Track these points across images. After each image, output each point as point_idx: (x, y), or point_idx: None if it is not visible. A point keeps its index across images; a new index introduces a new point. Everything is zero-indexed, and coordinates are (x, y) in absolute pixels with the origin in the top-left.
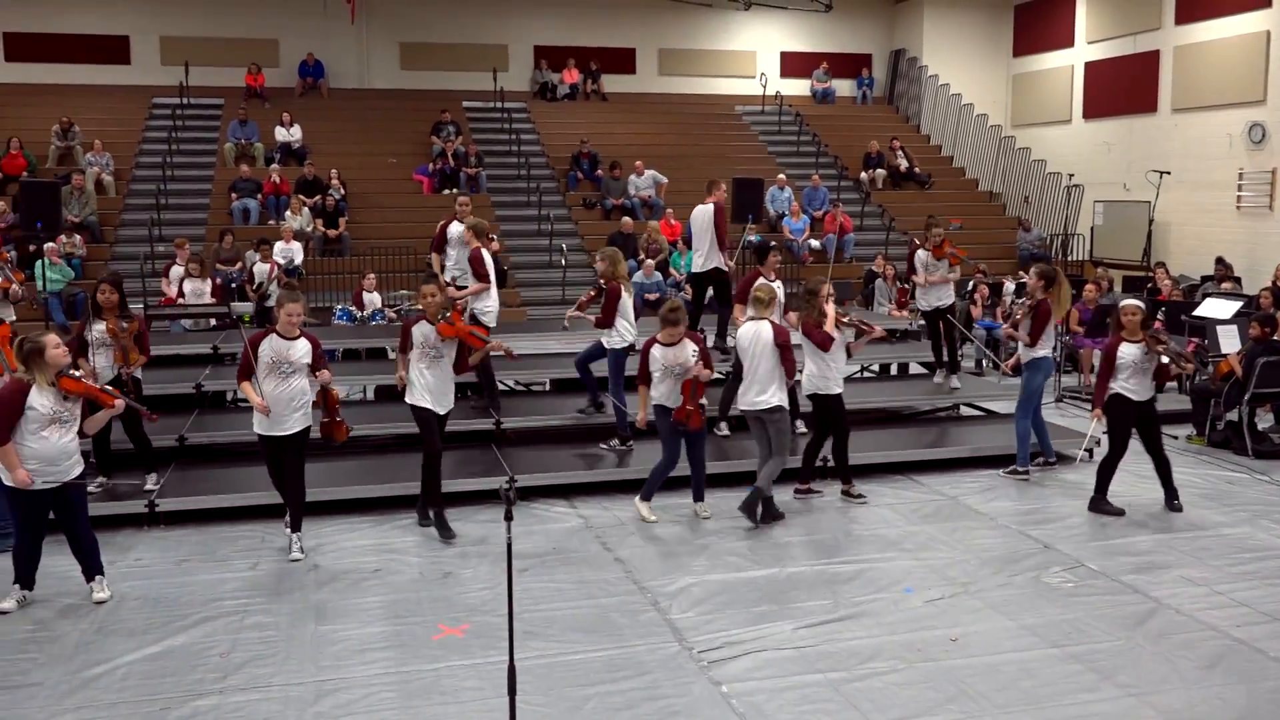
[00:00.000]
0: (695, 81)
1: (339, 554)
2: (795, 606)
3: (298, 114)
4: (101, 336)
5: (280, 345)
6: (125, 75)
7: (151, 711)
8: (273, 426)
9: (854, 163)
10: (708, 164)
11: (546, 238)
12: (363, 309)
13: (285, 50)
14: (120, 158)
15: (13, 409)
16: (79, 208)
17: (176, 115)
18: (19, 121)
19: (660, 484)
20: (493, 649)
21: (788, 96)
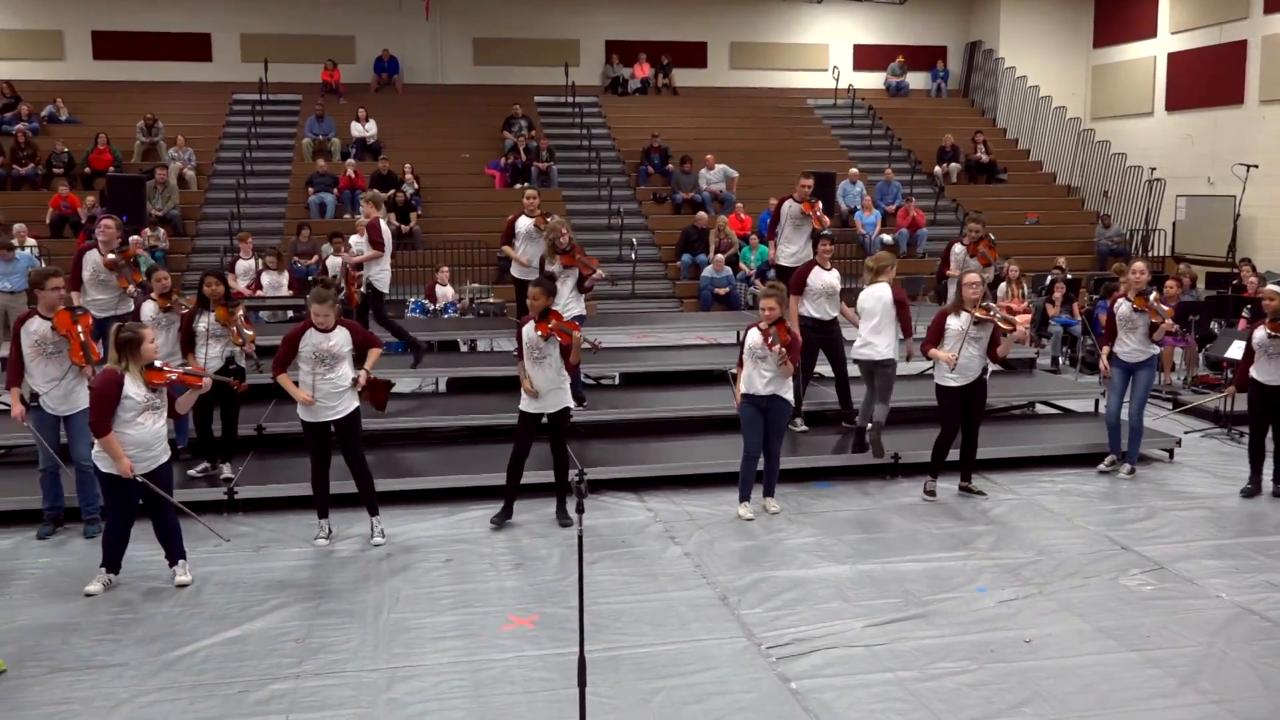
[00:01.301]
0: (767, 75)
1: (411, 544)
2: (865, 604)
3: (373, 109)
4: (211, 327)
5: (318, 338)
6: (207, 72)
7: (230, 694)
8: (318, 414)
9: (927, 157)
10: (779, 158)
11: (617, 232)
12: (435, 302)
13: (361, 47)
14: (202, 153)
15: (111, 399)
16: (162, 201)
17: (256, 111)
18: (106, 118)
19: (752, 479)
20: (561, 640)
21: (860, 90)
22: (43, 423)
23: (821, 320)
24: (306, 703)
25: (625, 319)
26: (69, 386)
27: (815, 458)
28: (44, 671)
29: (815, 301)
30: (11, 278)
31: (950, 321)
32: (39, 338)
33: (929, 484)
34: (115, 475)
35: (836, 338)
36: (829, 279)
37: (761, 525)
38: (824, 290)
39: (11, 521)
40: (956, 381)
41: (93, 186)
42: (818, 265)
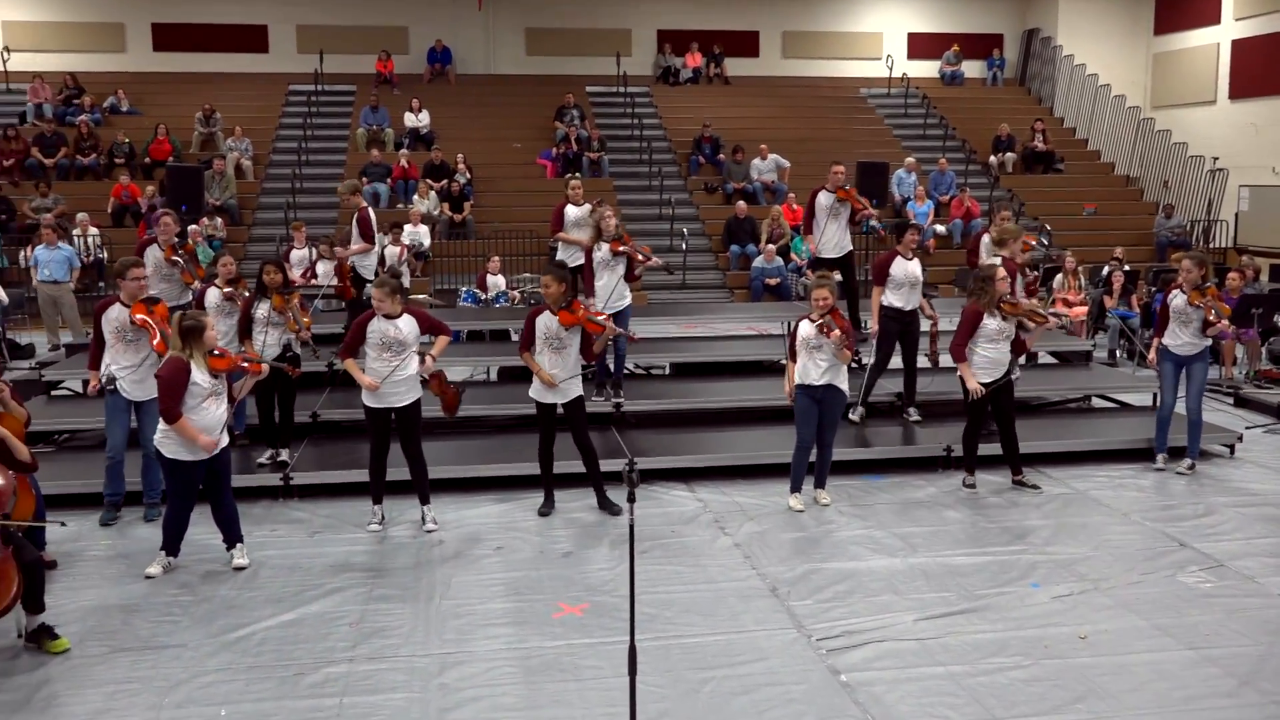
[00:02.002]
0: (819, 64)
1: (462, 531)
2: (917, 597)
3: (426, 100)
4: (269, 315)
5: (384, 325)
6: (263, 63)
7: (286, 676)
8: (383, 400)
9: (982, 146)
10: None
11: (667, 222)
12: (486, 291)
13: (415, 37)
14: (258, 143)
15: (180, 386)
16: (220, 191)
17: (311, 102)
18: (166, 109)
19: (804, 470)
20: (611, 629)
21: (914, 79)
22: (116, 407)
23: (902, 310)
24: (360, 686)
25: (675, 309)
26: (144, 373)
27: (868, 450)
28: (106, 651)
29: (899, 291)
30: (53, 266)
31: (988, 323)
32: (119, 325)
33: (966, 478)
34: (178, 460)
35: (914, 329)
36: (912, 269)
37: (812, 517)
38: (907, 279)
39: (75, 504)
40: (987, 375)
41: (152, 176)
42: (900, 255)
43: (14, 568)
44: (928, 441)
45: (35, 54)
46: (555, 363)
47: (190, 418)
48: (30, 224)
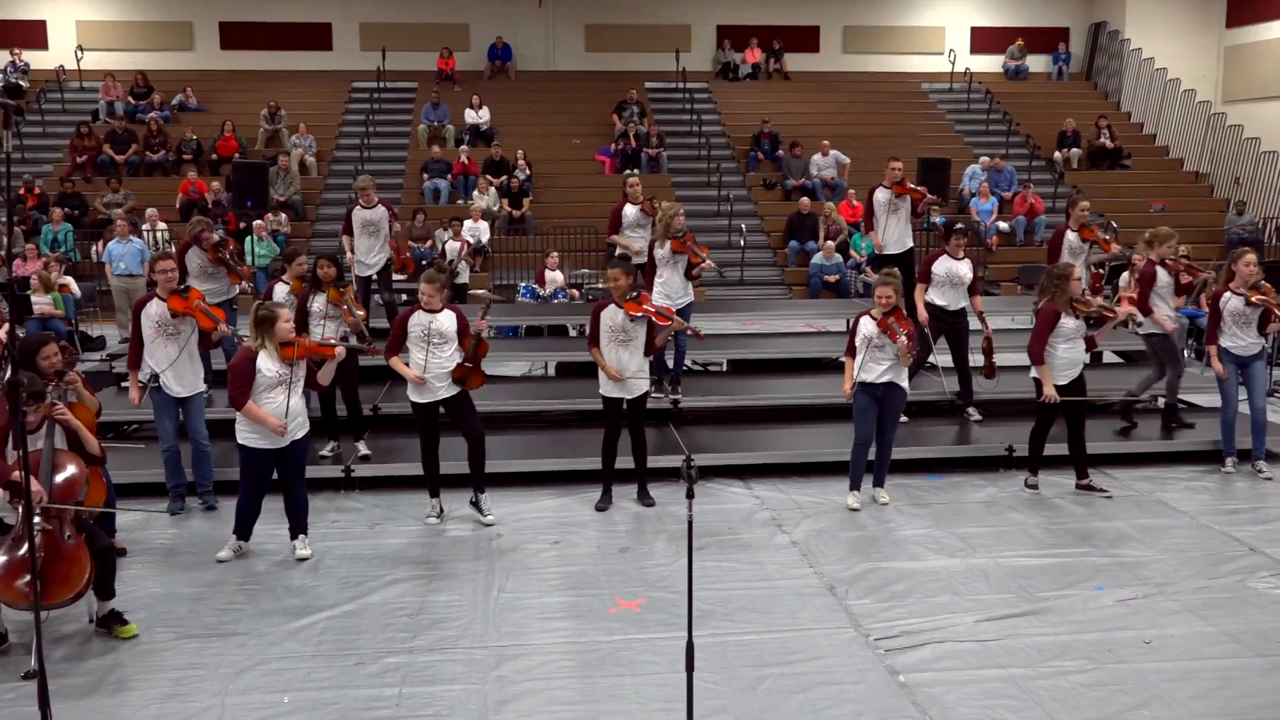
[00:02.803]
0: (881, 59)
1: (520, 525)
2: (977, 599)
3: (486, 96)
4: (324, 308)
5: (426, 319)
6: (327, 61)
7: (346, 666)
8: (428, 394)
9: (1047, 142)
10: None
11: (726, 218)
12: (545, 287)
13: (475, 34)
14: (322, 140)
15: (246, 374)
16: (284, 187)
17: (374, 99)
18: (232, 106)
19: (863, 469)
20: (668, 625)
21: (977, 73)
22: (162, 402)
23: (945, 309)
24: (419, 676)
25: (733, 305)
26: (183, 366)
27: (927, 448)
28: (172, 637)
29: (940, 289)
30: (127, 259)
31: (1065, 322)
32: (159, 320)
33: (1029, 479)
34: (249, 447)
35: (962, 328)
36: (957, 268)
37: (870, 516)
38: (949, 279)
39: (140, 494)
40: (1066, 378)
41: (219, 172)
42: (947, 253)
43: (86, 554)
44: (989, 441)
45: (107, 53)
46: (621, 357)
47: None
48: (102, 219)
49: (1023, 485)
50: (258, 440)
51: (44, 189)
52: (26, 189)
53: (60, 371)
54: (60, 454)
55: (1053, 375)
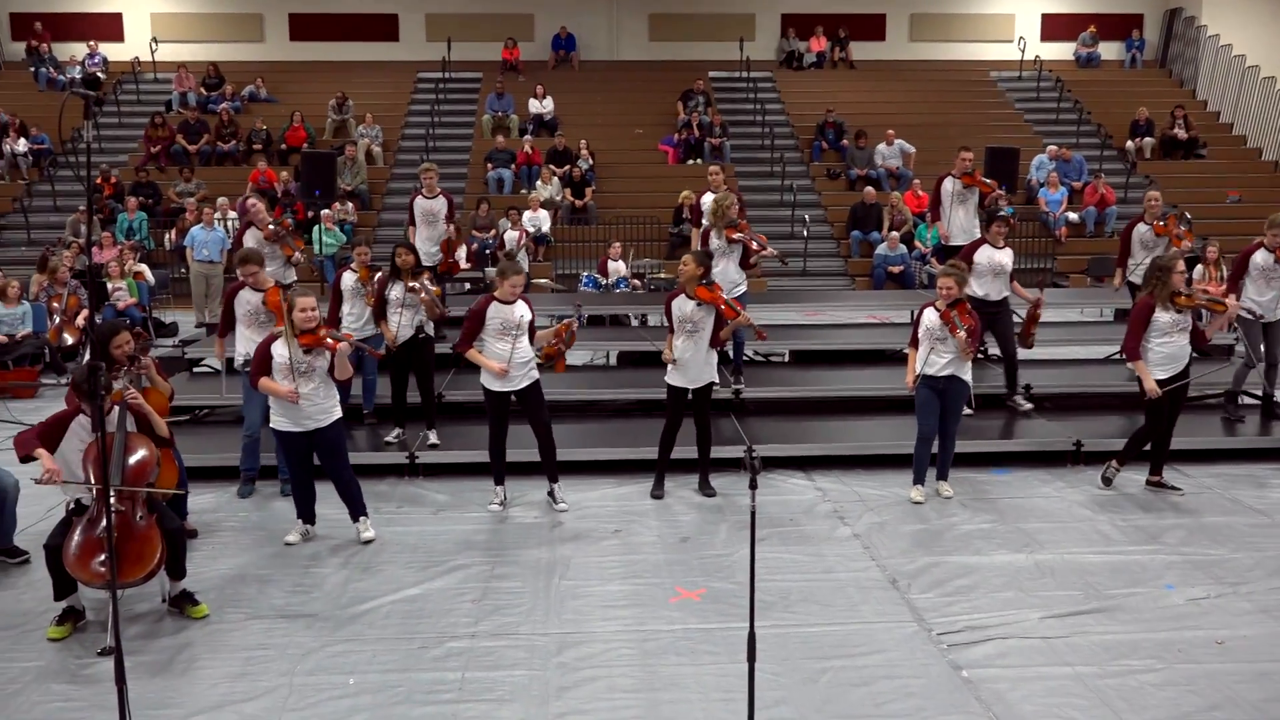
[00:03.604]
0: (948, 47)
1: (581, 513)
2: (1043, 595)
3: (550, 86)
4: (402, 296)
5: (504, 310)
6: (393, 52)
7: (410, 650)
8: (505, 383)
9: (1119, 131)
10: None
11: (789, 208)
12: (607, 277)
13: (540, 24)
14: (388, 129)
15: (263, 358)
16: (351, 177)
17: (439, 89)
18: (301, 96)
19: (926, 462)
20: (728, 615)
21: (1048, 61)
22: (248, 388)
23: (985, 300)
24: (481, 662)
25: (796, 296)
26: None
27: (992, 442)
28: (242, 618)
29: (980, 280)
30: (210, 246)
31: (1160, 316)
32: (251, 309)
33: (1109, 469)
34: (283, 432)
35: (1004, 319)
36: (998, 257)
37: (933, 509)
38: (990, 269)
39: (213, 477)
40: (1165, 372)
41: (288, 162)
42: (988, 243)
43: (158, 535)
44: (1056, 435)
45: (180, 44)
46: (688, 347)
47: None
48: (174, 208)
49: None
50: (284, 423)
51: (119, 178)
52: (103, 178)
53: (133, 358)
54: (132, 437)
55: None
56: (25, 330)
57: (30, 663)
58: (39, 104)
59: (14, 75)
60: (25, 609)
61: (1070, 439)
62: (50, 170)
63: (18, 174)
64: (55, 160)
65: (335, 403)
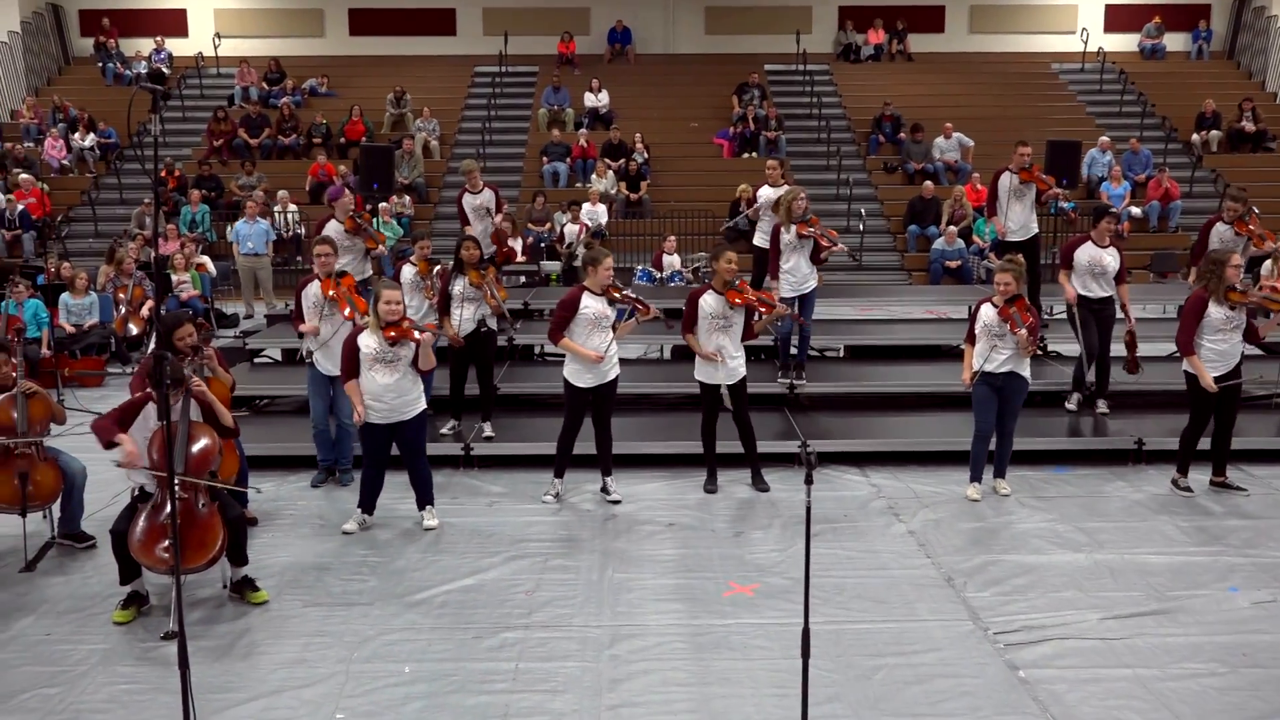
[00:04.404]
0: (1009, 39)
1: (634, 506)
2: (1102, 595)
3: (606, 80)
4: (465, 290)
5: (596, 302)
6: (451, 46)
7: (465, 639)
8: (594, 377)
9: (1184, 124)
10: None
11: (845, 202)
12: (662, 270)
13: (596, 18)
14: (445, 123)
15: (350, 350)
16: (409, 170)
17: (495, 83)
18: (360, 91)
19: (983, 459)
20: (782, 610)
21: (1111, 53)
22: (315, 380)
23: (1089, 297)
24: (535, 652)
25: (851, 290)
26: (335, 349)
27: (1052, 439)
28: (301, 605)
29: (1082, 278)
30: (253, 239)
31: (1213, 311)
32: (314, 300)
33: (1179, 479)
34: (366, 424)
35: (1109, 316)
36: (1101, 256)
37: (990, 507)
38: (1090, 267)
39: (275, 466)
40: (1216, 370)
41: (347, 156)
42: (1091, 240)
43: (219, 522)
44: (1118, 434)
45: (243, 40)
46: (721, 343)
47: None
48: (236, 201)
49: (1171, 486)
50: (369, 415)
51: (183, 172)
52: (167, 171)
53: (196, 348)
54: (195, 426)
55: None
56: (92, 320)
57: (96, 645)
58: (106, 99)
59: (82, 70)
60: (92, 592)
61: (1132, 438)
62: (117, 164)
63: (85, 168)
64: (121, 154)
65: (419, 394)
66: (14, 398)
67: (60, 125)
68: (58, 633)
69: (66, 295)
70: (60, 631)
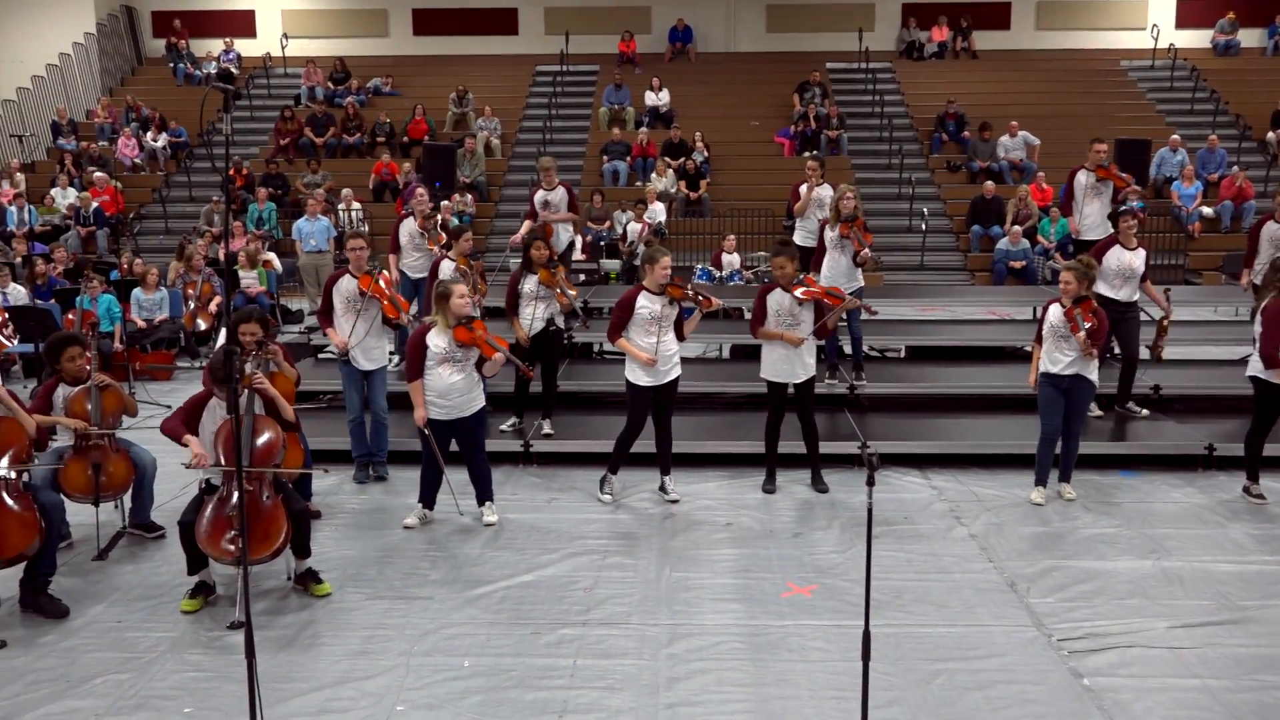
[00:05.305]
0: (1076, 36)
1: (692, 506)
2: (1170, 603)
3: (666, 78)
4: (536, 289)
5: (653, 302)
6: (512, 45)
7: (523, 635)
8: (654, 377)
9: (1259, 122)
10: (1086, 124)
11: (907, 201)
12: (721, 269)
13: (657, 16)
14: (506, 122)
15: (417, 349)
16: (470, 169)
17: (556, 82)
18: (423, 90)
19: (1049, 463)
20: (840, 612)
21: (1182, 49)
22: (350, 375)
23: (1115, 300)
24: (592, 650)
25: (913, 291)
26: (370, 345)
27: (1119, 444)
28: (362, 598)
29: (1110, 281)
30: (316, 236)
31: None
32: (348, 296)
33: (1251, 487)
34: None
35: (1132, 320)
36: (1128, 259)
37: (1055, 511)
38: (1119, 271)
39: (337, 460)
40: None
41: (409, 154)
42: (1119, 244)
43: (284, 514)
44: (1187, 438)
45: (309, 40)
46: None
47: (424, 379)
48: (301, 199)
49: (1242, 493)
50: (432, 410)
51: (250, 170)
52: (235, 169)
53: (260, 343)
54: (260, 420)
55: (1254, 368)
56: (163, 315)
57: (165, 633)
58: (176, 98)
59: (154, 71)
60: (160, 582)
61: (1202, 442)
62: (187, 162)
63: (156, 166)
64: (191, 153)
65: (480, 392)
66: (88, 390)
67: (133, 125)
68: (128, 620)
69: (138, 291)
70: (131, 619)
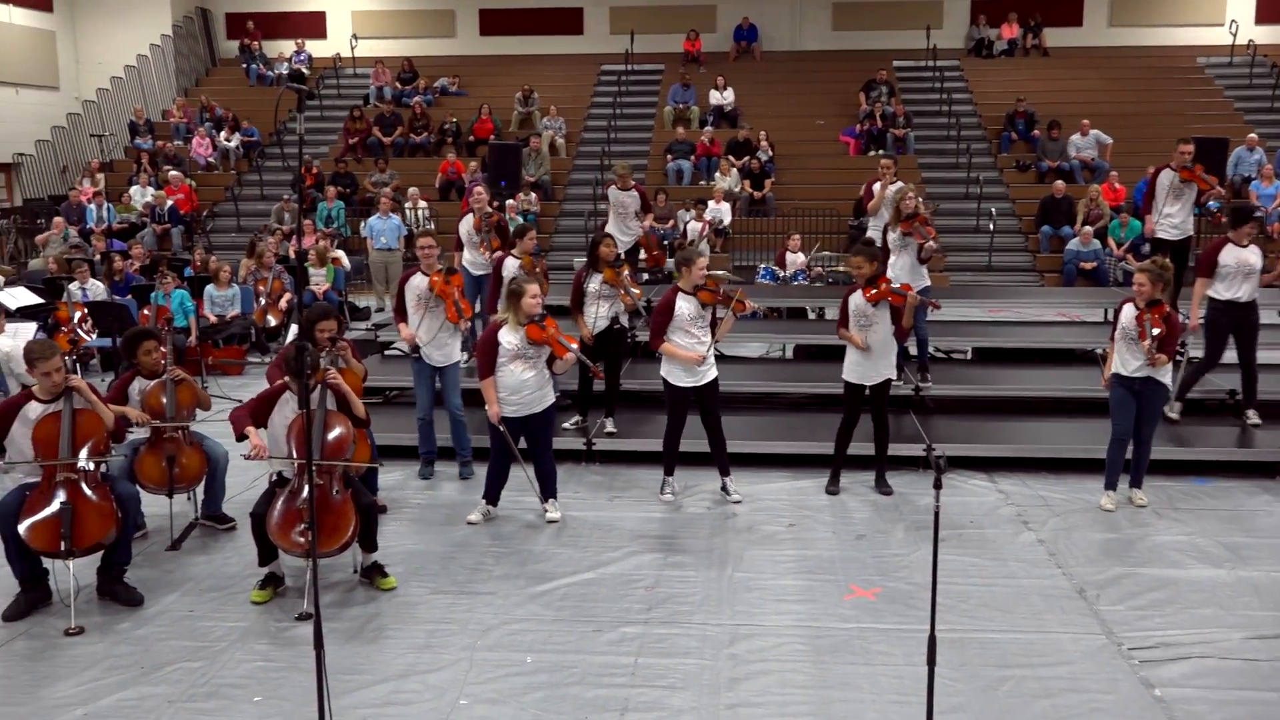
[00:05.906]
0: (1150, 32)
1: (755, 506)
2: (1246, 614)
3: (731, 77)
4: (600, 288)
5: (692, 303)
6: (578, 45)
7: (585, 632)
8: (693, 377)
9: None
10: (1160, 123)
11: (975, 201)
12: (785, 269)
13: (722, 15)
14: (571, 121)
15: (489, 347)
16: (535, 168)
17: (621, 81)
18: (489, 90)
19: (1119, 467)
20: (904, 616)
21: (1262, 45)
22: (420, 372)
23: (1234, 301)
24: (654, 648)
25: (980, 291)
26: (443, 341)
27: (1193, 449)
28: (427, 592)
29: (1228, 281)
30: (387, 234)
31: None
32: (420, 294)
33: None
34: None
35: (1252, 321)
36: (1245, 256)
37: (1126, 517)
38: (1239, 269)
39: (403, 456)
40: None
41: (475, 153)
42: (1232, 242)
43: (352, 509)
44: (1267, 445)
45: (378, 40)
46: (868, 342)
47: (496, 376)
48: (369, 197)
49: None
50: (504, 408)
51: (320, 169)
52: (305, 169)
53: (332, 339)
54: (331, 415)
55: None
56: (234, 311)
57: (235, 623)
58: (249, 98)
59: (228, 72)
60: (231, 572)
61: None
62: (258, 161)
63: (228, 165)
64: (263, 152)
65: (550, 389)
66: (164, 384)
67: (207, 124)
68: (200, 609)
69: (211, 287)
70: (202, 609)
